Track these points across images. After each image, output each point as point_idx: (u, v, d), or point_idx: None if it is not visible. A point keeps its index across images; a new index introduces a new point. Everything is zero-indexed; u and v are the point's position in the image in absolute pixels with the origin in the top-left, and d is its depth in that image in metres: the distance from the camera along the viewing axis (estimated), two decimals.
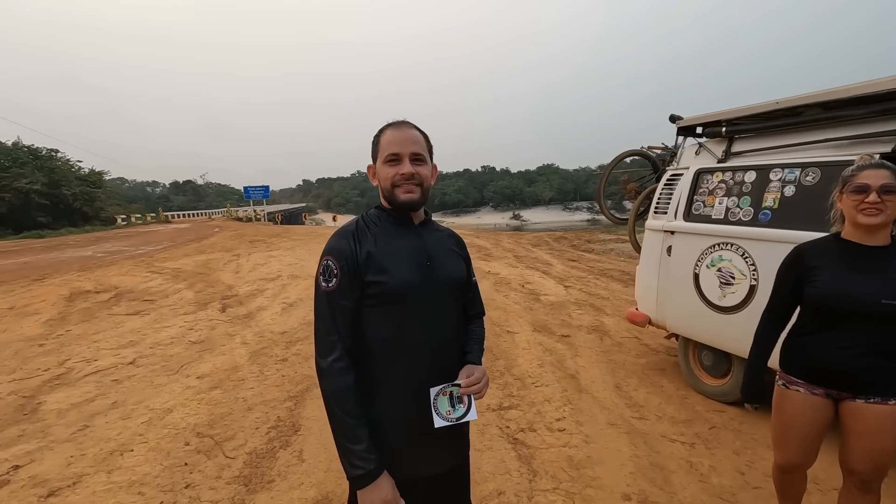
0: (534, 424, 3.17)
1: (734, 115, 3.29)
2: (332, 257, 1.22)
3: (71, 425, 3.23)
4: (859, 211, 1.55)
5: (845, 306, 1.58)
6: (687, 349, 3.74)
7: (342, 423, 1.17)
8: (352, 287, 1.21)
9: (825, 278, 1.63)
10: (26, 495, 2.47)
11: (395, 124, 1.30)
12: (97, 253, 13.15)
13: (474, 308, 1.51)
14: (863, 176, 1.56)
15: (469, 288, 1.47)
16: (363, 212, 1.35)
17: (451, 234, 1.45)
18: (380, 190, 1.31)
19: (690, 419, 3.20)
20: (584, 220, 72.22)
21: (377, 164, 1.29)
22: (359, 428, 1.17)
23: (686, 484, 2.49)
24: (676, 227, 3.57)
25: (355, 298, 1.22)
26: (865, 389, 1.61)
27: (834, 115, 2.79)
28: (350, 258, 1.21)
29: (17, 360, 4.53)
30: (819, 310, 1.66)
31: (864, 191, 1.54)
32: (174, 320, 5.92)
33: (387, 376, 1.24)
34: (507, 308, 6.32)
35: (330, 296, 1.21)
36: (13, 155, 27.40)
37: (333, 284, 1.21)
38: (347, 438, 1.17)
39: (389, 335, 1.23)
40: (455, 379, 1.29)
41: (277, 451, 2.87)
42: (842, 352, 1.61)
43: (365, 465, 1.15)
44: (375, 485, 1.16)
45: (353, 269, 1.21)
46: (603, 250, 13.47)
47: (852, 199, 1.57)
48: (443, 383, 1.27)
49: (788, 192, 2.87)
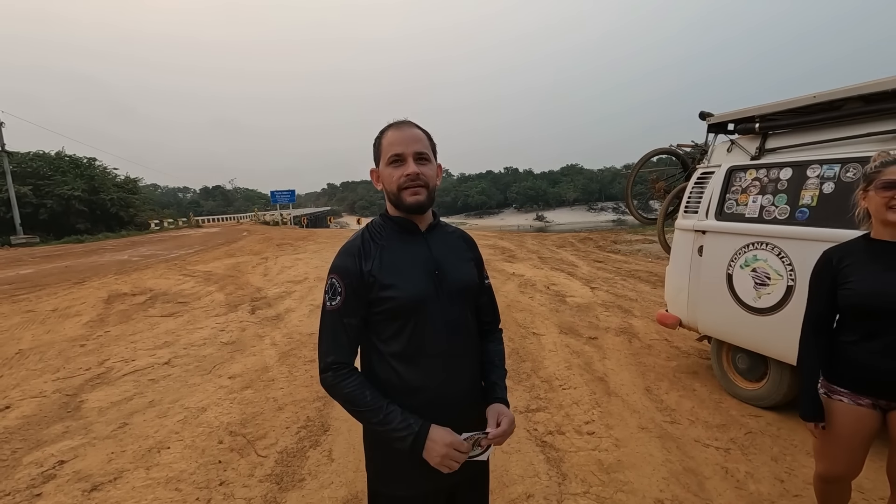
0: (562, 427, 3.13)
1: (768, 111, 3.18)
2: (337, 275, 1.21)
3: (111, 423, 3.36)
4: (889, 208, 1.50)
5: (883, 305, 1.51)
6: (720, 352, 3.64)
7: (371, 414, 1.17)
8: (358, 305, 1.21)
9: (858, 279, 1.57)
10: (71, 489, 2.57)
11: (395, 124, 1.26)
12: (133, 257, 13.63)
13: (489, 315, 1.46)
14: (890, 172, 1.51)
15: (482, 291, 1.43)
16: (368, 222, 1.33)
17: (460, 234, 1.41)
18: (385, 195, 1.27)
19: (725, 424, 3.11)
20: (610, 221, 71.05)
21: (380, 167, 1.26)
22: (388, 409, 1.17)
23: (722, 490, 2.42)
24: (708, 226, 3.48)
25: (361, 316, 1.22)
26: None
27: (877, 107, 2.67)
28: (355, 276, 1.20)
29: (60, 360, 4.74)
30: (856, 312, 1.60)
31: (891, 187, 1.48)
32: (206, 322, 6.09)
33: (403, 389, 1.22)
34: (533, 310, 6.27)
35: (334, 314, 1.21)
36: (56, 164, 28.70)
37: (338, 303, 1.20)
38: (382, 423, 1.16)
39: (402, 348, 1.21)
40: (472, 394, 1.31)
41: (307, 451, 2.92)
42: (883, 356, 1.54)
43: (410, 430, 1.15)
44: (430, 440, 1.15)
45: (359, 287, 1.19)
46: (630, 251, 13.22)
47: (882, 196, 1.52)
48: (457, 398, 1.26)
49: (827, 189, 2.76)
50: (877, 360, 1.55)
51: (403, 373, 1.22)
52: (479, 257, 1.43)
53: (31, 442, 3.11)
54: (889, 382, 1.55)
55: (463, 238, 1.41)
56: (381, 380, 1.22)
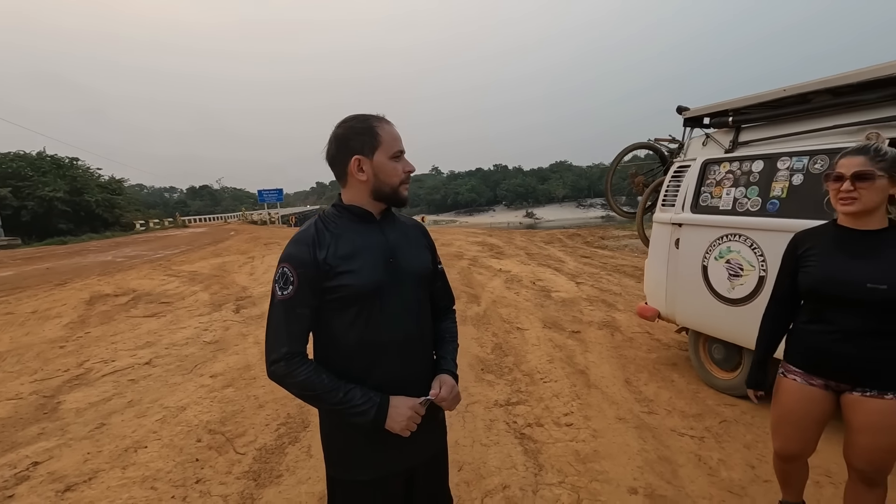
0: (541, 419, 3.16)
1: (741, 105, 3.23)
2: (289, 265, 1.19)
3: (88, 423, 3.32)
4: (837, 200, 1.55)
5: (834, 291, 1.55)
6: (697, 343, 3.69)
7: (331, 395, 1.17)
8: (311, 294, 1.19)
9: (817, 264, 1.61)
10: (44, 490, 2.54)
11: (384, 119, 1.27)
12: (117, 258, 13.45)
13: (444, 300, 1.50)
14: (839, 164, 1.54)
15: (437, 277, 1.46)
16: (319, 212, 1.34)
17: (414, 223, 1.44)
18: (369, 185, 1.24)
19: (701, 413, 3.16)
20: (599, 217, 71.48)
21: (378, 158, 1.23)
22: (347, 387, 1.18)
23: (694, 477, 2.47)
24: (684, 219, 3.52)
25: (313, 306, 1.21)
26: (862, 381, 1.57)
27: (844, 100, 2.72)
28: (309, 265, 1.18)
29: (38, 362, 4.67)
30: (811, 296, 1.64)
31: (840, 179, 1.52)
32: (190, 321, 6.04)
33: (359, 374, 1.23)
34: (518, 305, 6.30)
35: (286, 304, 1.19)
36: (37, 164, 28.21)
37: (290, 292, 1.18)
38: (342, 401, 1.17)
39: (359, 334, 1.22)
40: (428, 378, 1.33)
41: (286, 447, 2.92)
42: (833, 339, 1.58)
43: (372, 402, 1.18)
44: (393, 406, 1.20)
45: (312, 276, 1.18)
46: (617, 247, 13.34)
47: (830, 189, 1.57)
48: (413, 381, 1.29)
49: (797, 181, 2.81)
50: (829, 344, 1.59)
51: (358, 359, 1.23)
52: (432, 244, 1.46)
53: (4, 444, 3.06)
54: (840, 366, 1.59)
55: (416, 226, 1.44)
56: (335, 368, 1.23)
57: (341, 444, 1.28)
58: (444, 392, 1.29)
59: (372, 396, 1.19)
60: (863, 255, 1.52)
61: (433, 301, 1.44)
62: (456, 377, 1.38)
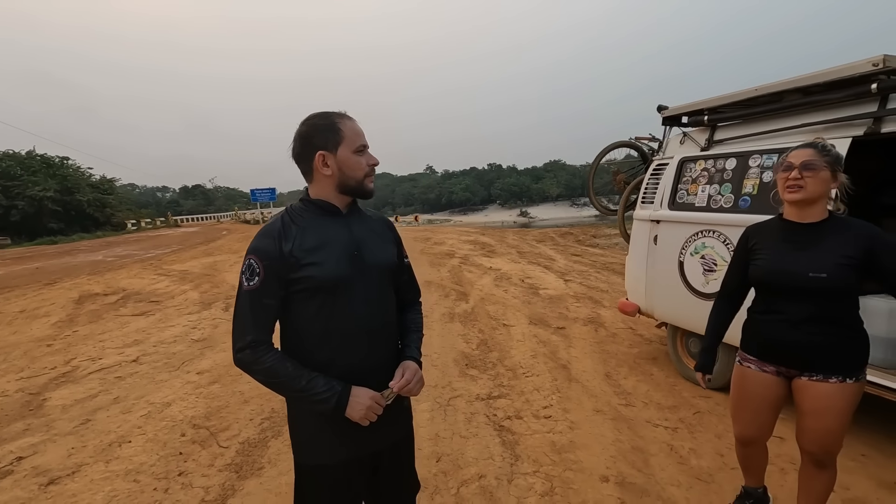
0: (521, 412, 3.22)
1: (716, 104, 3.31)
2: (256, 257, 1.22)
3: (74, 419, 3.35)
4: (784, 188, 1.62)
5: (780, 281, 1.63)
6: (675, 337, 3.77)
7: (294, 382, 1.21)
8: (277, 285, 1.23)
9: (764, 256, 1.69)
10: (28, 484, 2.58)
11: (346, 115, 1.31)
12: (107, 257, 13.41)
13: (410, 293, 1.54)
14: (790, 155, 1.63)
15: (402, 270, 1.50)
16: (287, 206, 1.36)
17: (379, 218, 1.48)
18: (334, 179, 1.28)
19: (676, 405, 3.24)
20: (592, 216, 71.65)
21: (341, 152, 1.26)
22: (310, 375, 1.22)
23: (665, 465, 2.54)
24: (662, 216, 3.60)
25: (279, 297, 1.25)
26: (809, 366, 1.64)
27: (812, 99, 2.80)
28: (275, 257, 1.21)
29: (25, 360, 4.68)
30: (761, 287, 1.73)
31: (790, 168, 1.60)
32: (178, 320, 6.06)
33: (324, 363, 1.26)
34: (506, 302, 6.37)
35: (252, 294, 1.22)
36: (26, 164, 27.98)
37: (256, 283, 1.21)
38: (305, 388, 1.21)
39: (324, 325, 1.26)
40: (392, 367, 1.36)
41: (269, 441, 2.96)
42: (782, 327, 1.66)
43: (334, 391, 1.22)
44: (354, 396, 1.24)
45: (278, 268, 1.22)
46: (608, 245, 13.44)
47: (780, 177, 1.65)
48: (377, 371, 1.32)
49: (767, 178, 2.89)
50: (778, 332, 1.67)
51: (323, 348, 1.27)
52: (398, 238, 1.50)
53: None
54: (789, 352, 1.67)
55: (382, 221, 1.47)
56: (301, 356, 1.26)
57: (307, 430, 1.32)
58: (407, 375, 1.33)
59: (334, 385, 1.23)
60: (805, 247, 1.61)
61: (398, 294, 1.48)
62: (420, 363, 1.42)
